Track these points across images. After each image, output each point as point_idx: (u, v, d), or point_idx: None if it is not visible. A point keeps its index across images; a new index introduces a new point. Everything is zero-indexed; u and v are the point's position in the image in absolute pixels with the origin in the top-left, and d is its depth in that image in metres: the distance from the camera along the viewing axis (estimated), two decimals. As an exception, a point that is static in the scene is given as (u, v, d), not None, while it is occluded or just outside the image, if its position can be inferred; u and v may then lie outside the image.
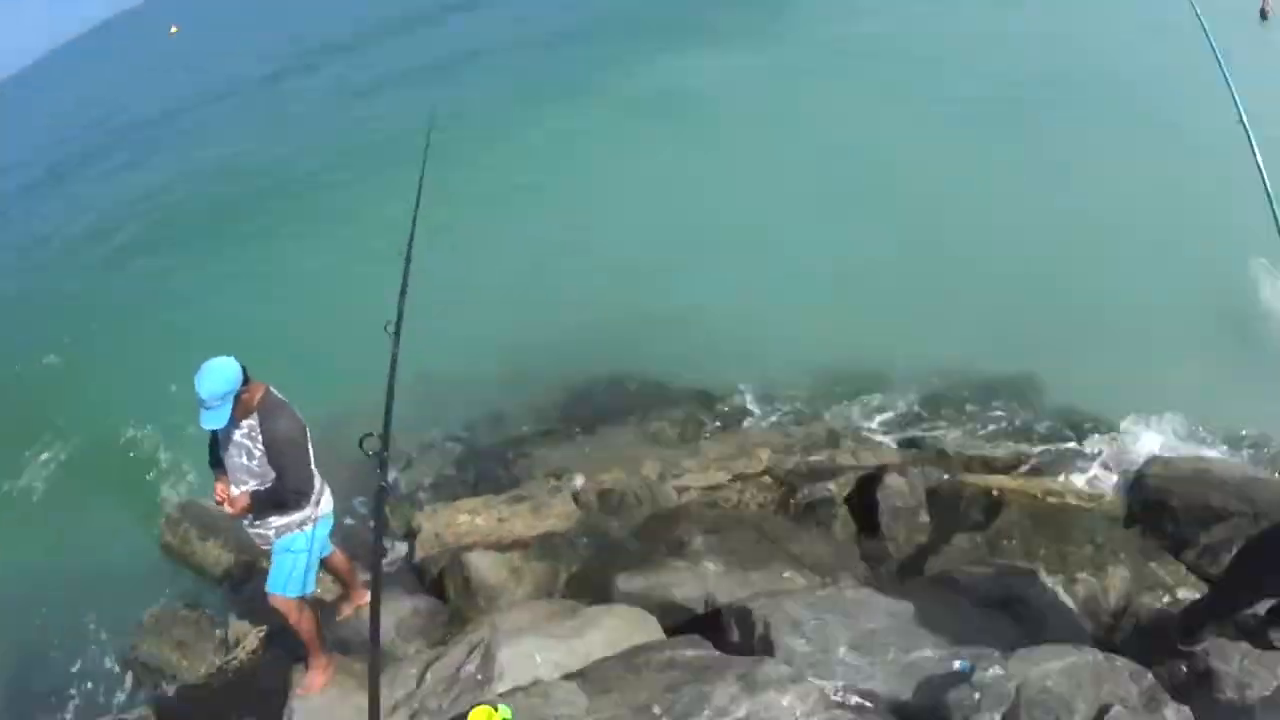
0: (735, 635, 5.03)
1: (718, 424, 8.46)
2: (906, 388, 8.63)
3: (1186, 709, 3.82)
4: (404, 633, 5.81)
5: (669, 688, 4.34)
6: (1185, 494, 6.16)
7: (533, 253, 12.38)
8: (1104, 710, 3.74)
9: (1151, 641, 4.65)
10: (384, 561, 7.02)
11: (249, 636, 6.27)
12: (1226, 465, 6.82)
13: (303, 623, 4.97)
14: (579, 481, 7.36)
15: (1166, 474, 6.51)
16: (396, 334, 4.28)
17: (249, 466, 4.67)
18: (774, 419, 8.49)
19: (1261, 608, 4.32)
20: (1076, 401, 8.11)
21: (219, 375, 4.35)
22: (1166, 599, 5.34)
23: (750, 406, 8.72)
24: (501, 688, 4.55)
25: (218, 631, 6.97)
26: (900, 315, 9.58)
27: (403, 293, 4.67)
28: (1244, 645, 4.31)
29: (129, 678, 7.21)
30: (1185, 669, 4.36)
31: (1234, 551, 5.29)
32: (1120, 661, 4.11)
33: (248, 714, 5.56)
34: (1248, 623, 4.36)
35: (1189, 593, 5.34)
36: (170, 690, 6.63)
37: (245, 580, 7.40)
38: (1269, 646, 4.29)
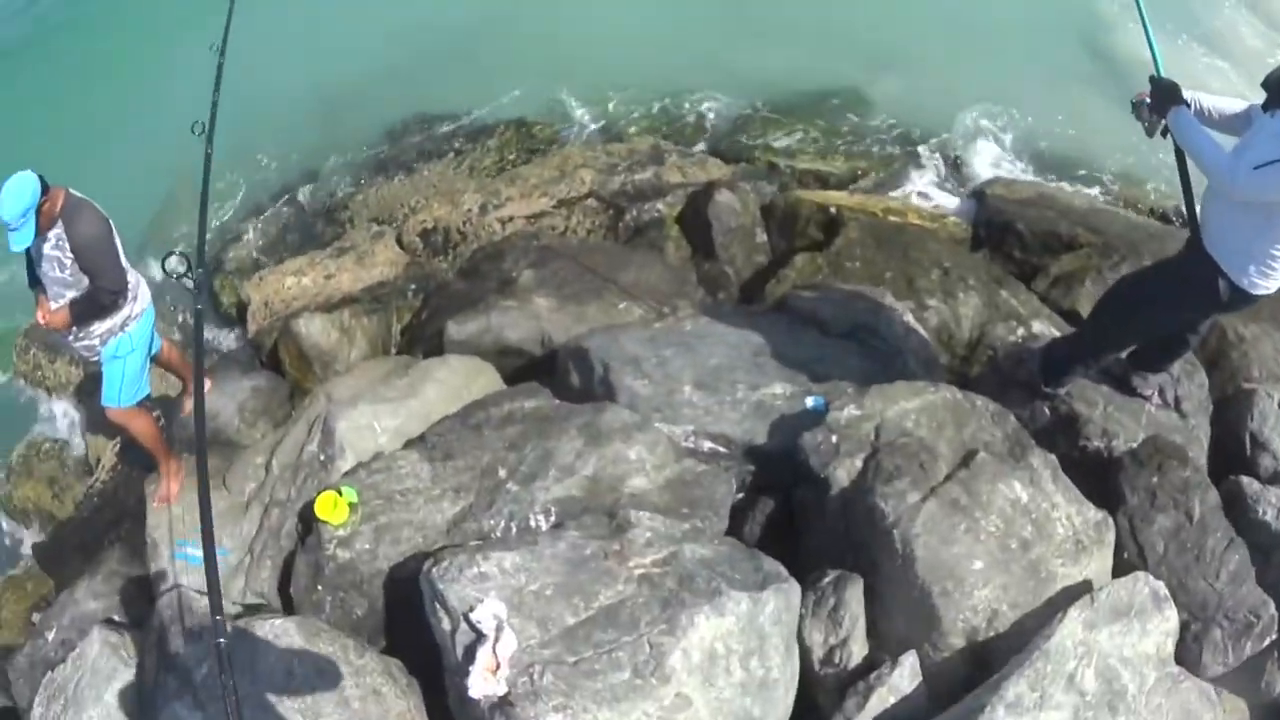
0: (575, 379, 4.71)
1: (536, 147, 7.83)
2: (730, 96, 8.14)
3: (1053, 457, 3.73)
4: (247, 417, 5.56)
5: (511, 445, 4.05)
6: (1031, 219, 6.08)
7: None
8: (969, 455, 3.59)
9: (1009, 379, 4.52)
10: (216, 341, 7.03)
11: (106, 454, 6.07)
12: (1069, 193, 6.76)
13: (143, 429, 4.85)
14: (403, 223, 6.96)
15: (1010, 196, 6.41)
16: (209, 134, 4.12)
17: (63, 278, 4.48)
18: (593, 137, 7.93)
19: (1124, 352, 4.23)
20: (911, 111, 7.79)
21: (18, 192, 4.13)
22: (1021, 331, 5.20)
23: (567, 125, 8.15)
24: (345, 465, 4.33)
25: (79, 456, 6.75)
26: (720, 17, 8.89)
27: (216, 85, 4.46)
28: (1106, 390, 4.25)
29: (10, 529, 6.89)
30: (1048, 412, 4.27)
31: (1087, 285, 5.30)
32: (980, 401, 3.99)
33: (117, 539, 5.36)
34: (1111, 368, 4.28)
35: (1043, 326, 5.24)
36: (46, 532, 6.44)
37: (95, 393, 6.58)
38: (1133, 394, 4.25)
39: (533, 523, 3.75)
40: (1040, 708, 2.94)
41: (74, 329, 4.65)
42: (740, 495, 4.05)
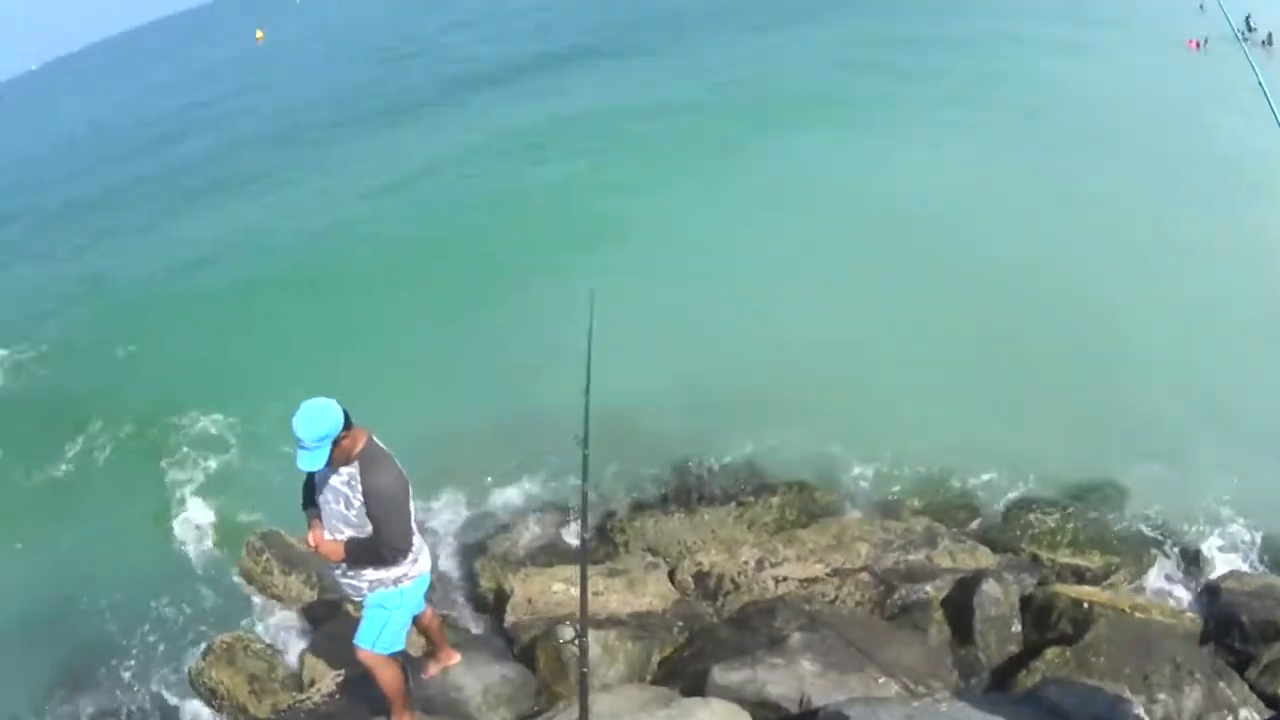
0: (833, 742, 5.12)
1: (815, 512, 8.38)
2: (1001, 475, 8.66)
3: None
4: (490, 700, 5.78)
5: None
6: (1255, 609, 6.32)
7: (641, 327, 12.22)
8: None
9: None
10: (470, 621, 7.51)
11: (325, 679, 6.20)
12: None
13: (389, 679, 4.84)
14: (677, 561, 7.39)
15: (1240, 588, 6.70)
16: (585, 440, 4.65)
17: (346, 515, 4.50)
18: (871, 508, 8.48)
19: None
20: (1163, 502, 8.15)
21: (318, 417, 4.19)
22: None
23: (849, 497, 8.70)
24: (598, 777, 4.50)
25: (291, 669, 6.96)
26: (997, 406, 9.58)
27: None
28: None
29: (193, 705, 7.20)
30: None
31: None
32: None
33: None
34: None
35: (1249, 713, 5.50)
36: (231, 720, 6.66)
37: (326, 619, 7.39)
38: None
39: None
40: None
41: (344, 565, 4.64)
42: None
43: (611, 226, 16.11)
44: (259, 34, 75.59)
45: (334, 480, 4.44)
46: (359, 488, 4.40)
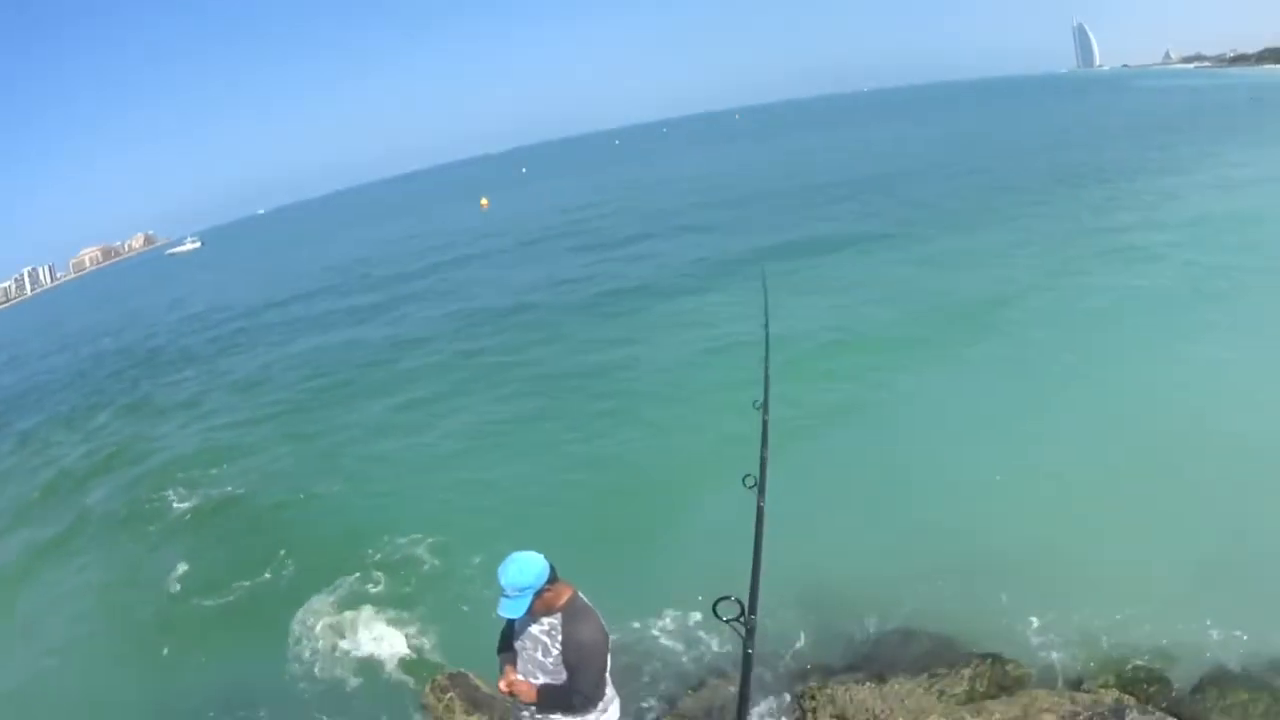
0: None
1: (1007, 684, 8.49)
2: (1194, 657, 8.55)
3: None
4: None
5: None
6: None
7: (833, 486, 12.97)
8: None
9: None
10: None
11: None
12: None
13: None
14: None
15: None
16: (760, 489, 4.43)
17: (543, 663, 4.70)
18: (1062, 683, 8.50)
19: None
20: None
21: (525, 569, 4.43)
22: None
23: (1039, 668, 8.74)
24: None
25: None
26: (1194, 580, 9.47)
27: (764, 443, 4.91)
28: None
29: None
30: None
31: None
32: None
33: None
34: None
35: None
36: None
37: None
38: None
39: None
40: None
41: (534, 708, 4.75)
42: None
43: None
44: (484, 201, 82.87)
45: (534, 628, 4.68)
46: (559, 637, 4.60)
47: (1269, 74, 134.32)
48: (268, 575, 13.18)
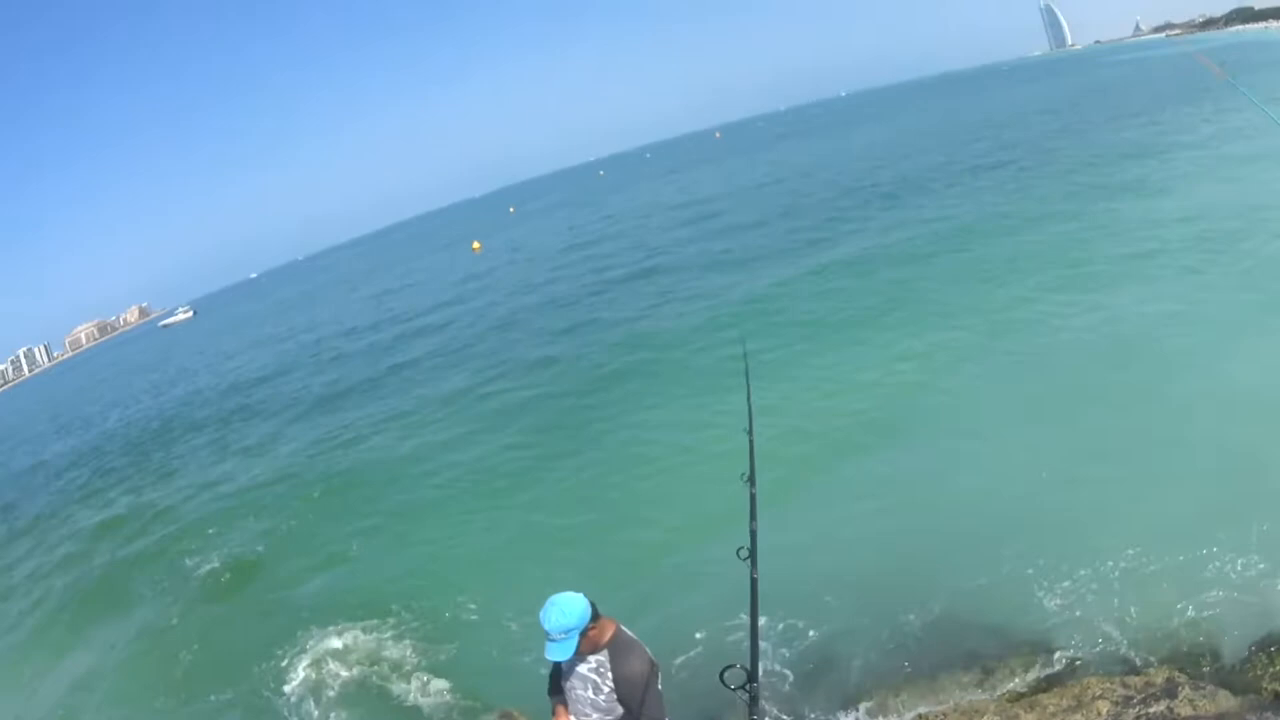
0: None
1: (1058, 673, 8.48)
2: (1242, 626, 8.46)
3: None
4: None
5: None
6: None
7: (869, 482, 13.05)
8: None
9: None
10: None
11: None
12: None
13: None
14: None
15: None
16: (753, 562, 4.45)
17: (595, 701, 4.73)
18: (1113, 667, 8.43)
19: None
20: None
21: (567, 610, 4.46)
22: None
23: (1089, 653, 8.67)
24: None
25: None
26: (1237, 549, 9.35)
27: (752, 516, 4.88)
28: None
29: None
30: None
31: None
32: None
33: None
34: None
35: None
36: None
37: None
38: None
39: None
40: None
41: None
42: None
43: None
44: (476, 245, 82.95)
45: (582, 668, 4.71)
46: (609, 675, 4.64)
47: (1236, 35, 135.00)
48: (298, 635, 13.13)
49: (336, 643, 12.42)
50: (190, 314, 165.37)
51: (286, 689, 11.78)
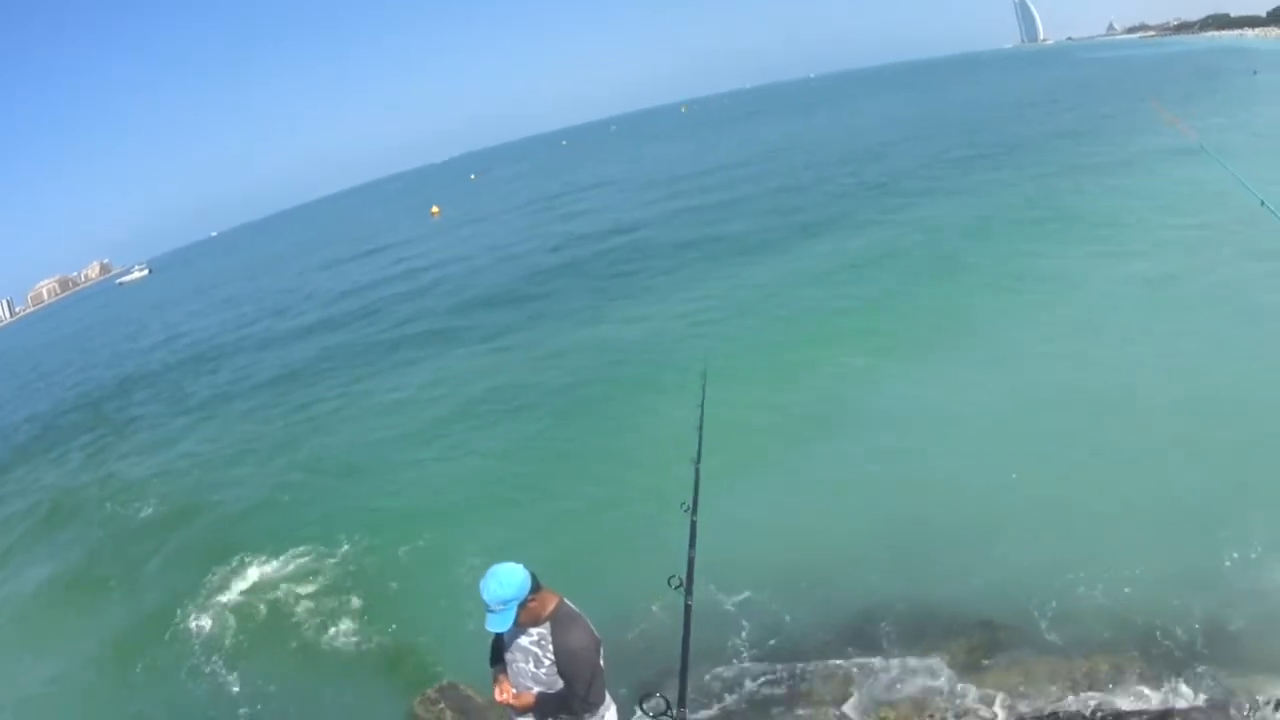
0: None
1: (1003, 650, 8.44)
2: (1192, 615, 8.43)
3: None
4: None
5: None
6: None
7: (813, 474, 12.89)
8: None
9: None
10: None
11: None
12: None
13: None
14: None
15: None
16: (687, 589, 4.30)
17: (535, 674, 4.68)
18: (1063, 650, 8.35)
19: None
20: None
21: (505, 581, 4.42)
22: None
23: (1040, 635, 8.64)
24: None
25: None
26: (1180, 546, 9.33)
27: (691, 544, 4.73)
28: None
29: None
30: None
31: None
32: None
33: None
34: None
35: None
36: None
37: None
38: None
39: None
40: None
41: (531, 718, 4.74)
42: None
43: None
44: (434, 210, 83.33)
45: (523, 640, 4.65)
46: (549, 647, 4.58)
47: (1210, 41, 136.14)
48: (238, 581, 13.08)
49: (275, 602, 12.28)
50: (146, 272, 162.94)
51: (208, 634, 11.78)
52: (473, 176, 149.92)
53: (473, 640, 5.78)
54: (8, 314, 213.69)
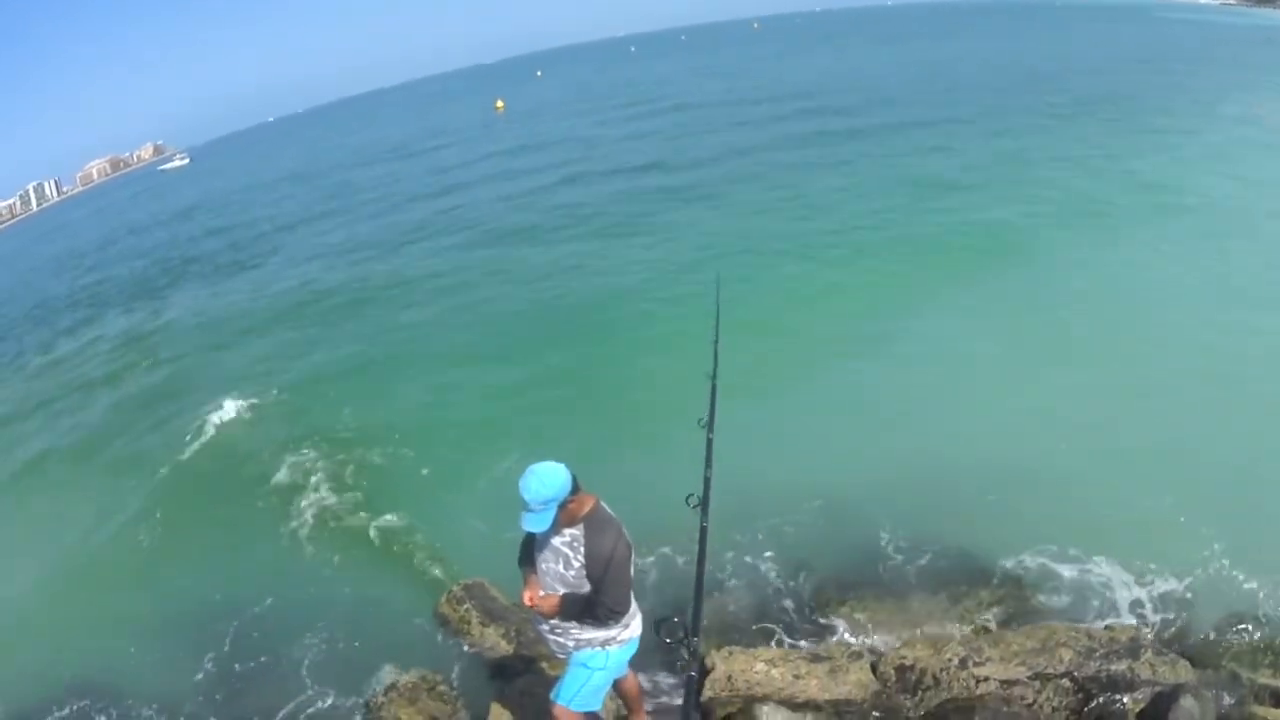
0: None
1: (1026, 613, 8.51)
2: (1212, 599, 8.51)
3: None
4: None
5: None
6: None
7: (843, 401, 12.93)
8: None
9: None
10: (669, 693, 7.33)
11: None
12: None
13: None
14: (880, 651, 7.66)
15: None
16: (704, 511, 4.28)
17: (564, 575, 4.61)
18: (1080, 617, 8.48)
19: None
20: None
21: (547, 480, 4.30)
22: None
23: (1059, 598, 8.72)
24: None
25: (474, 716, 7.05)
26: (1221, 522, 9.28)
27: (707, 463, 4.70)
28: None
29: None
30: None
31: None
32: None
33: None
34: None
35: None
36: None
37: (520, 674, 7.49)
38: None
39: None
40: None
41: (555, 621, 4.70)
42: None
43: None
44: (499, 104, 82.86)
45: (555, 540, 4.57)
46: (581, 549, 4.50)
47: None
48: (271, 482, 13.23)
49: (313, 502, 12.44)
50: (186, 161, 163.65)
51: (248, 548, 11.84)
52: (539, 73, 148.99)
53: (499, 538, 5.65)
54: (56, 194, 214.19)
